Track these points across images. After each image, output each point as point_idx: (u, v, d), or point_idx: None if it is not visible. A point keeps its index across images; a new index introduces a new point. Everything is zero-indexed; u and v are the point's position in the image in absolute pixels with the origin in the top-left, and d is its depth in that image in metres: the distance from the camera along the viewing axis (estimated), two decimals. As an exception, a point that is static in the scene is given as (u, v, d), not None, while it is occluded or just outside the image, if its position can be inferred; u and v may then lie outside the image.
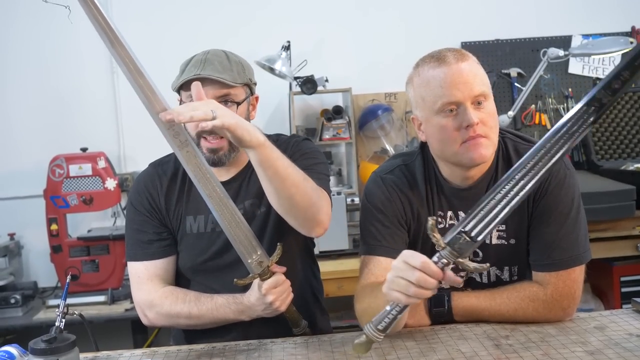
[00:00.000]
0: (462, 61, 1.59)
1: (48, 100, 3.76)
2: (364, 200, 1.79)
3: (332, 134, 3.71)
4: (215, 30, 3.72)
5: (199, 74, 1.71)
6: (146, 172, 1.91)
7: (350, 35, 3.89)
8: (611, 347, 1.49)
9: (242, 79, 1.77)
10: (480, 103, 1.58)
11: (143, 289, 1.83)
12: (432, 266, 1.36)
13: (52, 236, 3.32)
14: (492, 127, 1.61)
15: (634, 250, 3.21)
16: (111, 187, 3.32)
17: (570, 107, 3.92)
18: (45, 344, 1.46)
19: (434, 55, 1.63)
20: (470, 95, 1.57)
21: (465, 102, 1.57)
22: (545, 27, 3.94)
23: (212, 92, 1.71)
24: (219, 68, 1.74)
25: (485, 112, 1.59)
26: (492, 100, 1.63)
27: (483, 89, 1.59)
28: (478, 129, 1.57)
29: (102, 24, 1.43)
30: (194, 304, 1.78)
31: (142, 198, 1.86)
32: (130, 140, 3.79)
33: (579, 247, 1.65)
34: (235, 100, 1.76)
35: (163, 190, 1.86)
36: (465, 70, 1.58)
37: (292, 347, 1.64)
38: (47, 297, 3.39)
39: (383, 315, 1.41)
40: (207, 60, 1.75)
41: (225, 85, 1.72)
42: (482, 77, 1.61)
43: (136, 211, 1.86)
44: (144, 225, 1.85)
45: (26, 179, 3.66)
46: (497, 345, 1.54)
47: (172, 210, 1.85)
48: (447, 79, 1.58)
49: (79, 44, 3.74)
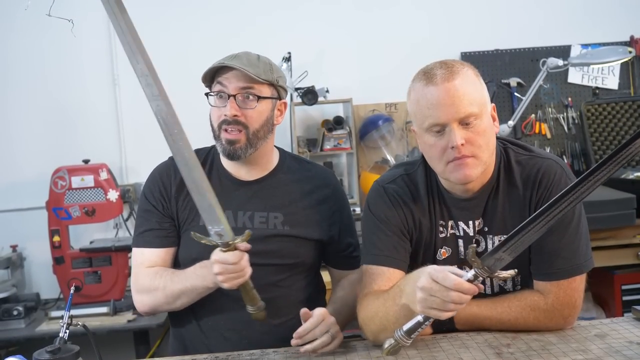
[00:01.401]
0: (450, 80, 1.57)
1: (50, 112, 3.78)
2: (366, 209, 1.80)
3: (333, 145, 3.73)
4: (215, 42, 3.74)
5: (224, 62, 1.80)
6: (164, 162, 1.96)
7: (351, 46, 3.91)
8: (612, 355, 1.49)
9: (267, 76, 1.82)
10: (469, 123, 1.57)
11: (137, 274, 1.87)
12: (465, 285, 1.37)
13: (54, 248, 3.32)
14: (481, 146, 1.59)
15: (635, 258, 3.21)
16: (113, 199, 3.33)
17: (569, 116, 3.94)
18: (49, 354, 1.46)
19: (426, 72, 1.62)
20: (456, 118, 1.56)
21: (450, 123, 1.57)
22: (545, 37, 3.96)
23: (236, 83, 1.79)
24: (246, 62, 1.80)
25: (474, 131, 1.58)
26: (484, 118, 1.60)
27: (471, 110, 1.57)
28: (463, 149, 1.57)
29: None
30: (169, 277, 1.80)
31: (154, 187, 1.91)
32: (132, 151, 3.80)
33: (580, 257, 1.65)
34: (257, 94, 1.81)
35: (177, 180, 1.88)
36: (451, 90, 1.56)
37: (295, 357, 1.65)
38: (50, 309, 3.39)
39: (416, 325, 1.44)
40: (237, 56, 1.83)
41: (249, 78, 1.78)
42: (472, 96, 1.58)
43: (145, 200, 1.92)
44: (149, 213, 1.89)
45: (28, 191, 3.68)
46: (498, 354, 1.55)
47: (183, 200, 1.87)
48: (433, 100, 1.57)
49: (81, 56, 3.77)
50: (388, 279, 1.69)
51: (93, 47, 3.77)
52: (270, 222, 1.87)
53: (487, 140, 1.60)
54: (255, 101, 1.81)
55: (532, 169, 1.68)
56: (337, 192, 1.97)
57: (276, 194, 1.89)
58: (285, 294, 1.87)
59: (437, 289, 1.37)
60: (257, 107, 1.81)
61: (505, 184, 1.70)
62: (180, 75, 3.79)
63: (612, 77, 3.96)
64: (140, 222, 1.93)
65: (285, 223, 1.87)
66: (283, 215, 1.87)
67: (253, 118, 1.81)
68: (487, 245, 1.70)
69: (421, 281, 1.40)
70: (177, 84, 3.77)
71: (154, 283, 1.81)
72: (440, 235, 1.73)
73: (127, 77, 3.79)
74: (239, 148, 1.81)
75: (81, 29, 3.66)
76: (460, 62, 1.66)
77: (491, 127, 1.63)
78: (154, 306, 1.84)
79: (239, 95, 1.80)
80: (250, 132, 1.81)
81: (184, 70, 3.79)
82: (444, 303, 1.38)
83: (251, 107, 1.81)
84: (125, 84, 3.79)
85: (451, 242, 1.73)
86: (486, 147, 1.60)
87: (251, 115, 1.81)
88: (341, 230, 1.94)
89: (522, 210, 1.66)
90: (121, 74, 3.78)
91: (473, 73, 1.63)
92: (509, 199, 1.69)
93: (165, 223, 1.88)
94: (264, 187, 1.90)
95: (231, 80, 1.80)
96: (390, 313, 1.55)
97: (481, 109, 1.59)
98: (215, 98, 1.83)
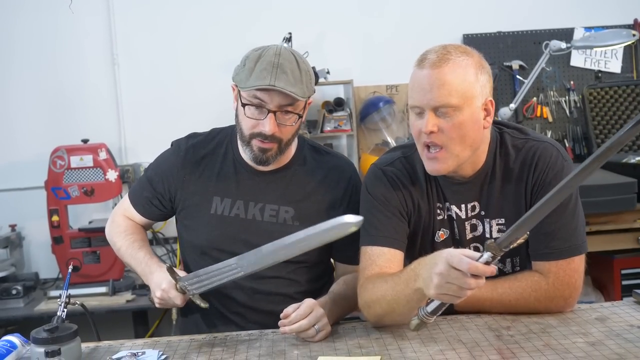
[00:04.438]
0: (436, 67, 1.57)
1: (49, 91, 3.76)
2: (364, 192, 1.79)
3: (334, 126, 3.71)
4: (216, 23, 3.72)
5: (274, 85, 1.69)
6: (180, 140, 1.96)
7: (352, 27, 3.88)
8: (612, 338, 1.49)
9: (310, 91, 1.78)
10: (446, 112, 1.58)
11: (115, 215, 2.02)
12: (480, 267, 1.36)
13: (53, 227, 3.32)
14: (454, 138, 1.59)
15: (635, 243, 3.21)
16: (112, 179, 3.32)
17: (571, 99, 3.92)
18: (47, 333, 1.46)
19: (423, 54, 1.63)
20: (431, 105, 1.58)
21: (426, 109, 1.59)
22: (548, 19, 3.93)
23: (278, 101, 1.72)
24: (292, 80, 1.72)
25: (449, 122, 1.58)
26: (466, 111, 1.58)
27: (447, 100, 1.57)
28: (433, 137, 1.59)
29: None
30: (129, 243, 1.93)
31: (160, 164, 1.94)
32: (132, 131, 3.78)
33: (577, 238, 1.65)
34: (296, 111, 1.76)
35: (187, 159, 1.89)
36: (432, 77, 1.57)
37: (294, 337, 1.64)
38: (49, 289, 3.40)
39: (440, 306, 1.44)
40: (280, 67, 1.71)
41: (292, 97, 1.72)
42: (454, 87, 1.57)
43: (154, 170, 1.95)
44: (151, 183, 1.93)
45: (27, 171, 3.67)
46: (498, 336, 1.55)
47: (192, 182, 1.87)
48: (417, 83, 1.61)
49: (80, 35, 3.74)
50: (389, 260, 1.68)
51: (92, 27, 3.74)
52: (281, 216, 1.84)
53: (462, 134, 1.60)
54: (294, 118, 1.76)
55: (529, 153, 1.68)
56: (352, 187, 1.89)
57: (290, 187, 1.87)
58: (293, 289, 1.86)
59: (454, 275, 1.36)
60: (295, 124, 1.78)
61: (502, 169, 1.70)
62: (178, 56, 3.77)
63: (615, 60, 3.93)
64: (140, 184, 1.99)
65: (295, 218, 1.84)
66: (294, 210, 1.85)
67: (289, 132, 1.78)
68: (485, 229, 1.72)
69: (438, 267, 1.39)
70: (175, 65, 3.76)
71: (114, 238, 1.97)
72: (437, 217, 1.74)
73: (127, 57, 3.77)
74: (270, 156, 1.78)
75: (80, 8, 3.66)
76: (464, 50, 1.64)
77: (475, 121, 1.61)
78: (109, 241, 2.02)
79: (279, 112, 1.74)
80: (283, 143, 1.79)
81: (182, 51, 3.77)
82: (460, 290, 1.37)
83: (290, 124, 1.76)
84: (124, 63, 3.77)
85: (448, 224, 1.74)
86: (460, 140, 1.60)
87: (288, 130, 1.77)
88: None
89: (518, 194, 1.67)
90: (120, 53, 3.75)
91: (472, 64, 1.60)
92: (506, 183, 1.70)
93: (155, 200, 1.93)
94: (278, 178, 1.87)
95: (274, 97, 1.71)
96: (401, 296, 1.54)
97: (463, 102, 1.58)
98: (251, 106, 1.74)
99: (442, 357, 1.45)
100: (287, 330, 1.59)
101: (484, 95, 1.62)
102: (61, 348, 1.40)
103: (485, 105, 1.63)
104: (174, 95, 3.74)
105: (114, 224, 2.00)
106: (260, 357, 1.54)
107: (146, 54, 3.78)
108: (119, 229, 1.98)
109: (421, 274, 1.47)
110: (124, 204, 2.01)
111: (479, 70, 1.61)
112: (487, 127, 1.66)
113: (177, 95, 3.74)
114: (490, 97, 1.65)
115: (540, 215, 1.32)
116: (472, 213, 1.72)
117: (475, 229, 1.72)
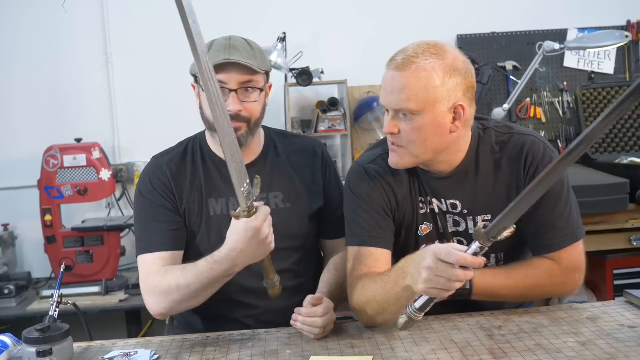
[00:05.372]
0: (399, 70, 1.59)
1: (43, 90, 3.74)
2: (347, 191, 1.79)
3: (328, 126, 3.71)
4: (211, 23, 3.70)
5: (229, 58, 1.72)
6: (150, 163, 1.89)
7: (346, 27, 3.88)
8: (603, 338, 1.50)
9: (266, 66, 1.81)
10: (406, 115, 1.60)
11: (151, 276, 1.74)
12: (469, 258, 1.36)
13: (46, 227, 3.31)
14: (414, 142, 1.61)
15: (627, 243, 3.22)
16: (106, 178, 3.31)
17: (565, 100, 3.93)
18: (39, 333, 1.46)
19: (396, 53, 1.65)
20: (391, 107, 1.62)
21: (388, 109, 1.64)
22: (541, 20, 3.94)
23: (238, 78, 1.74)
24: (245, 55, 1.75)
25: (409, 126, 1.60)
26: (427, 116, 1.58)
27: (406, 105, 1.58)
28: (392, 137, 1.65)
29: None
30: (180, 273, 1.68)
31: (152, 187, 1.83)
32: (125, 131, 3.78)
33: (574, 225, 1.69)
34: (257, 86, 1.78)
35: (173, 174, 1.84)
36: (394, 80, 1.60)
37: (286, 337, 1.65)
38: (41, 288, 3.38)
39: (428, 302, 1.43)
40: (232, 46, 1.75)
41: (250, 71, 1.75)
42: (414, 92, 1.57)
43: (146, 201, 1.82)
44: (157, 215, 1.80)
45: (20, 170, 3.65)
46: (490, 336, 1.55)
47: (185, 192, 1.84)
48: (383, 82, 1.65)
49: (73, 34, 3.73)
50: (377, 260, 1.69)
51: (86, 25, 3.73)
52: (271, 202, 1.86)
53: (423, 138, 1.61)
54: (256, 93, 1.78)
55: (515, 147, 1.70)
56: (325, 159, 1.97)
57: (272, 173, 1.89)
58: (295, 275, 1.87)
59: (443, 268, 1.37)
60: (259, 99, 1.79)
61: (486, 166, 1.71)
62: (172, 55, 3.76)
63: (608, 61, 3.95)
64: (145, 225, 1.81)
65: (285, 200, 1.87)
66: (282, 193, 1.88)
67: (255, 110, 1.79)
68: (468, 226, 1.73)
69: (427, 261, 1.39)
70: (169, 64, 3.75)
71: (164, 282, 1.69)
72: (420, 211, 1.76)
73: (121, 56, 3.76)
74: (242, 136, 1.77)
75: (74, 7, 3.65)
76: (436, 51, 1.60)
77: (437, 126, 1.60)
78: (171, 307, 1.72)
79: (240, 89, 1.75)
80: (252, 122, 1.79)
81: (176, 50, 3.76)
82: (449, 282, 1.37)
83: (253, 99, 1.77)
84: (118, 62, 3.76)
85: (431, 218, 1.75)
86: (420, 143, 1.62)
87: (253, 107, 1.78)
88: (330, 196, 1.94)
89: (509, 188, 1.69)
90: (114, 52, 3.75)
91: (440, 67, 1.58)
92: (492, 179, 1.71)
93: (178, 221, 1.81)
94: (259, 169, 1.87)
95: (232, 75, 1.73)
96: (391, 296, 1.55)
97: (423, 107, 1.58)
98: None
99: (434, 357, 1.46)
100: (299, 326, 1.61)
101: (452, 99, 1.59)
102: (53, 348, 1.40)
103: (454, 108, 1.61)
104: (168, 95, 3.72)
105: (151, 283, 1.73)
106: (253, 356, 1.54)
107: (140, 53, 3.77)
108: (158, 277, 1.71)
109: (409, 271, 1.48)
110: (145, 267, 1.76)
111: (447, 74, 1.58)
112: (455, 131, 1.63)
113: (171, 95, 3.72)
114: (461, 102, 1.60)
115: (529, 203, 1.32)
116: (453, 210, 1.73)
117: (458, 225, 1.74)
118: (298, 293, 1.78)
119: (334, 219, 1.92)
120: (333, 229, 1.94)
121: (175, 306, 1.72)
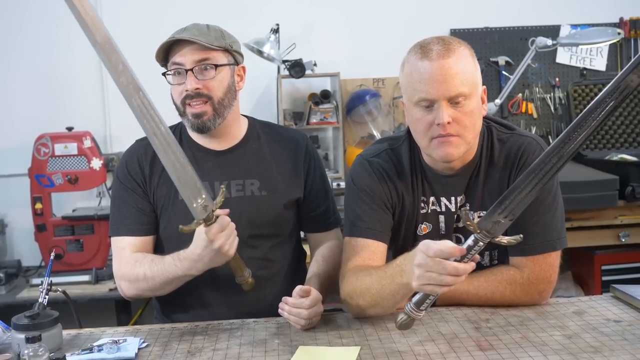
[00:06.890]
0: (445, 57, 1.57)
1: (34, 78, 3.72)
2: (349, 182, 1.80)
3: (320, 118, 3.71)
4: (203, 14, 3.69)
5: (175, 36, 1.78)
6: (131, 146, 1.94)
7: (340, 19, 3.88)
8: (589, 332, 1.51)
9: (220, 43, 1.81)
10: (458, 102, 1.58)
11: (120, 261, 1.83)
12: (446, 249, 1.35)
13: (36, 215, 3.30)
14: (467, 127, 1.60)
15: (616, 239, 3.24)
16: (96, 167, 3.31)
17: (557, 96, 3.94)
18: (28, 319, 1.46)
19: (423, 46, 1.61)
20: (445, 95, 1.57)
21: (440, 100, 1.57)
22: (534, 16, 3.95)
23: (192, 56, 1.77)
24: (197, 33, 1.79)
25: (462, 111, 1.58)
26: (474, 99, 1.60)
27: (462, 90, 1.57)
28: (449, 127, 1.58)
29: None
30: (148, 265, 1.75)
31: (130, 170, 1.88)
32: (116, 120, 3.76)
33: (553, 234, 1.67)
34: (214, 63, 1.79)
35: (148, 159, 1.87)
36: (445, 68, 1.56)
37: (275, 326, 1.66)
38: (31, 276, 3.38)
39: (424, 297, 1.43)
40: (186, 28, 1.81)
41: (204, 48, 1.76)
42: (465, 76, 1.58)
43: (121, 184, 1.89)
44: (128, 198, 1.86)
45: (11, 158, 3.64)
46: (477, 328, 1.57)
47: (158, 176, 1.85)
48: (426, 75, 1.57)
49: (65, 22, 3.69)
50: (372, 252, 1.69)
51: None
52: (247, 188, 1.87)
53: (473, 122, 1.61)
54: (213, 70, 1.79)
55: (512, 148, 1.71)
56: (309, 152, 1.97)
57: (250, 160, 1.90)
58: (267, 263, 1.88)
59: (432, 263, 1.37)
60: (217, 76, 1.80)
61: (486, 162, 1.72)
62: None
63: (600, 58, 3.96)
64: (118, 208, 1.88)
65: (262, 188, 1.88)
66: (259, 181, 1.88)
67: (215, 87, 1.80)
68: None
69: (417, 258, 1.40)
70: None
71: (134, 271, 1.77)
72: (421, 211, 1.75)
73: (113, 45, 3.74)
74: (207, 120, 1.80)
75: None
76: (457, 40, 1.65)
77: (479, 109, 1.63)
78: (138, 294, 1.82)
79: (197, 68, 1.78)
80: (215, 102, 1.80)
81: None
82: (440, 276, 1.36)
83: (210, 77, 1.79)
84: (110, 51, 3.73)
85: (432, 218, 1.75)
86: (472, 127, 1.61)
87: (212, 85, 1.79)
88: (313, 190, 1.94)
89: (502, 187, 1.68)
90: (107, 41, 3.72)
91: (469, 53, 1.63)
92: (489, 176, 1.71)
93: (146, 207, 1.86)
94: (237, 155, 1.90)
95: (186, 54, 1.78)
96: (386, 290, 1.55)
97: (472, 90, 1.59)
98: (173, 76, 1.82)
99: (422, 348, 1.47)
100: (286, 315, 1.62)
101: (481, 83, 1.65)
102: (42, 334, 1.40)
103: (482, 93, 1.66)
104: (159, 84, 3.69)
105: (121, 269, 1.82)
106: (242, 345, 1.54)
107: (132, 42, 3.72)
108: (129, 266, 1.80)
109: (405, 269, 1.48)
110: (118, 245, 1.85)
111: (474, 58, 1.64)
112: (484, 115, 1.68)
113: (163, 85, 3.70)
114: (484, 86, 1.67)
115: (520, 196, 1.34)
116: (457, 207, 1.73)
117: (459, 220, 1.73)
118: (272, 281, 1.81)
119: (318, 213, 1.94)
120: (317, 223, 1.96)
121: (142, 293, 1.81)
